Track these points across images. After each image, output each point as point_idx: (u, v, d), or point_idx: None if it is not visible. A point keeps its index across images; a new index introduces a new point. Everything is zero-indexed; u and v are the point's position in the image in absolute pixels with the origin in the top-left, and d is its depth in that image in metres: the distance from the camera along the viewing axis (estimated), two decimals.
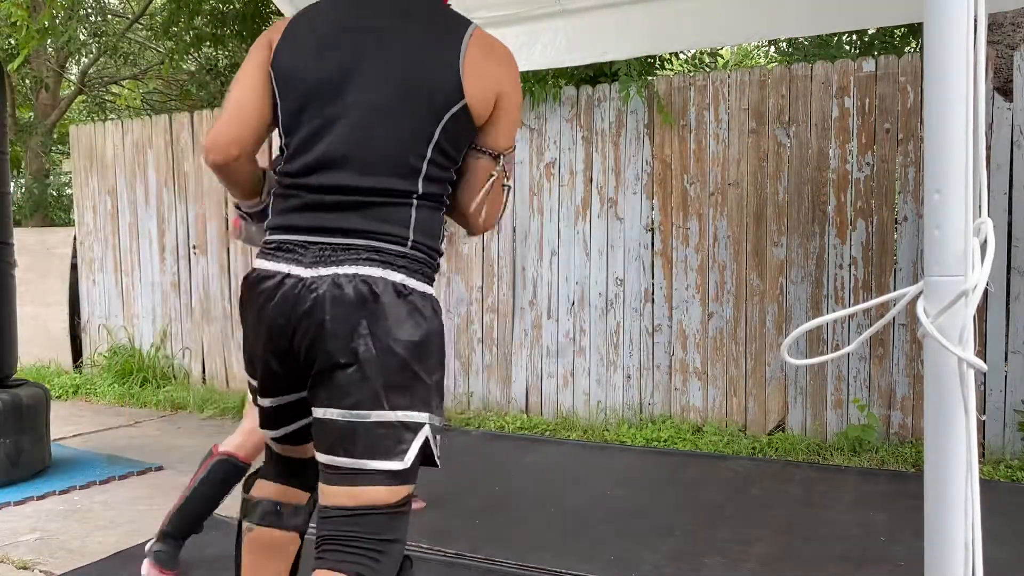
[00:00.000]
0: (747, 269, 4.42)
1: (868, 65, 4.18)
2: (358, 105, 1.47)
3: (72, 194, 7.32)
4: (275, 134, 1.58)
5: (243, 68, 1.57)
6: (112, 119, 7.66)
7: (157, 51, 9.92)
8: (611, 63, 4.65)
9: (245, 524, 1.73)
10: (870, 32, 5.88)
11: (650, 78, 4.76)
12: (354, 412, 1.41)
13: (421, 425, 1.44)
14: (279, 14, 6.42)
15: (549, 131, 4.86)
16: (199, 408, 5.38)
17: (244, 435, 2.46)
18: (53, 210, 10.13)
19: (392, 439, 1.42)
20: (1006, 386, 3.91)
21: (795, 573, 2.56)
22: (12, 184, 5.25)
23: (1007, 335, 3.89)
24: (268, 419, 1.63)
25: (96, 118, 10.39)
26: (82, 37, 9.19)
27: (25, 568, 2.68)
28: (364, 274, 1.42)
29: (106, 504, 3.37)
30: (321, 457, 1.47)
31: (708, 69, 7.53)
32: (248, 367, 1.61)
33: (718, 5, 3.94)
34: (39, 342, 6.56)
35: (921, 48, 4.71)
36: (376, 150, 1.46)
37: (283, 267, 1.47)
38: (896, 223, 4.19)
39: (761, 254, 4.37)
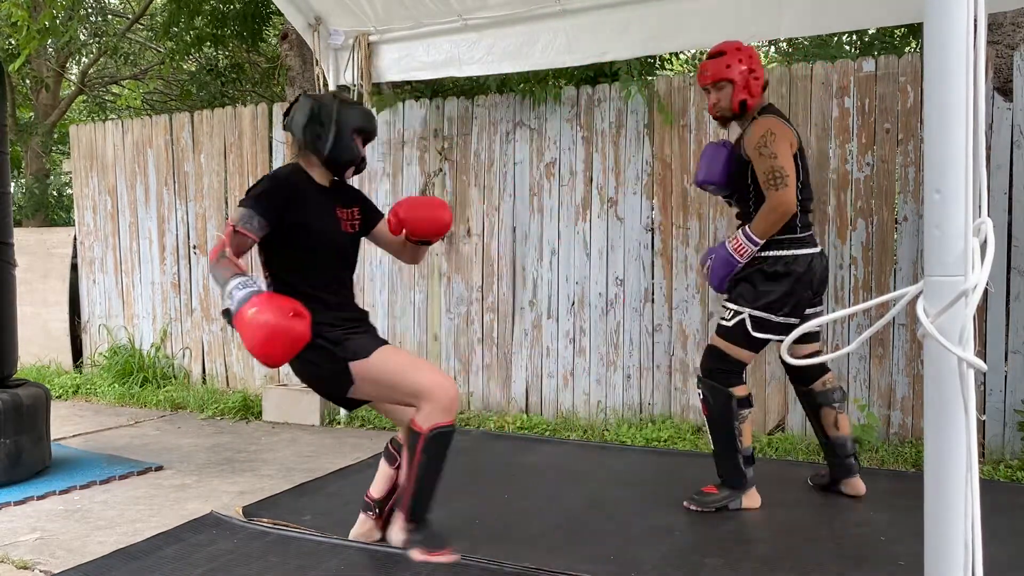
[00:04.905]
0: None
1: (868, 65, 4.18)
2: None
3: (72, 194, 7.32)
4: None
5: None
6: (112, 119, 7.66)
7: (157, 51, 9.93)
8: (611, 63, 4.65)
9: (743, 412, 3.10)
10: (870, 32, 5.88)
11: (650, 78, 4.76)
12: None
13: None
14: (279, 14, 6.43)
15: (549, 131, 4.86)
16: (199, 408, 5.38)
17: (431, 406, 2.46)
18: (53, 210, 10.14)
19: None
20: (1006, 386, 3.91)
21: (795, 573, 2.56)
22: (12, 184, 5.25)
23: (1007, 335, 3.89)
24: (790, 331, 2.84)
25: (96, 118, 10.40)
26: (82, 37, 9.21)
27: (25, 568, 2.68)
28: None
29: (106, 504, 3.37)
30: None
31: None
32: (793, 311, 3.00)
33: (718, 5, 3.94)
34: (39, 342, 6.56)
35: (921, 48, 4.71)
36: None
37: (816, 249, 3.09)
38: (896, 223, 4.19)
39: None
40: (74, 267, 6.61)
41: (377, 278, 5.35)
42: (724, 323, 3.09)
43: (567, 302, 4.85)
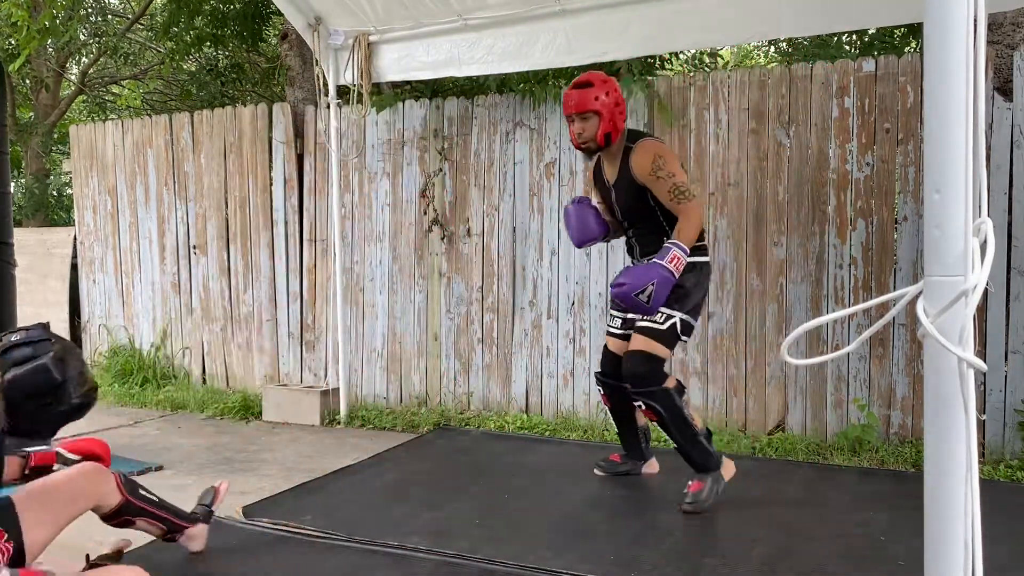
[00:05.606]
0: (747, 269, 4.42)
1: (868, 65, 4.18)
2: None
3: (72, 194, 7.32)
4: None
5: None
6: (112, 119, 7.66)
7: (157, 51, 9.93)
8: (611, 63, 4.65)
9: (683, 399, 3.12)
10: (870, 32, 5.88)
11: (650, 78, 4.76)
12: None
13: None
14: (279, 14, 6.43)
15: (549, 131, 4.86)
16: (199, 408, 5.38)
17: None
18: (53, 210, 10.15)
19: None
20: (1006, 386, 3.91)
21: (795, 573, 2.56)
22: (12, 184, 5.25)
23: (1007, 335, 3.89)
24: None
25: (96, 118, 10.40)
26: (82, 37, 9.22)
27: None
28: None
29: None
30: None
31: (708, 69, 7.53)
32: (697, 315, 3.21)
33: (718, 5, 3.94)
34: None
35: (921, 48, 4.71)
36: None
37: None
38: (896, 223, 4.19)
39: (761, 254, 4.37)
40: (74, 267, 6.61)
41: (377, 278, 5.35)
42: (656, 326, 3.10)
43: (567, 302, 4.85)
